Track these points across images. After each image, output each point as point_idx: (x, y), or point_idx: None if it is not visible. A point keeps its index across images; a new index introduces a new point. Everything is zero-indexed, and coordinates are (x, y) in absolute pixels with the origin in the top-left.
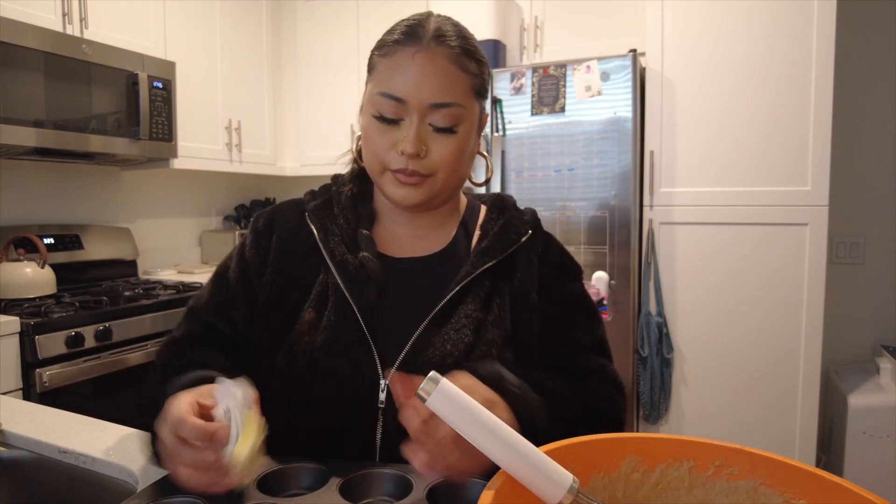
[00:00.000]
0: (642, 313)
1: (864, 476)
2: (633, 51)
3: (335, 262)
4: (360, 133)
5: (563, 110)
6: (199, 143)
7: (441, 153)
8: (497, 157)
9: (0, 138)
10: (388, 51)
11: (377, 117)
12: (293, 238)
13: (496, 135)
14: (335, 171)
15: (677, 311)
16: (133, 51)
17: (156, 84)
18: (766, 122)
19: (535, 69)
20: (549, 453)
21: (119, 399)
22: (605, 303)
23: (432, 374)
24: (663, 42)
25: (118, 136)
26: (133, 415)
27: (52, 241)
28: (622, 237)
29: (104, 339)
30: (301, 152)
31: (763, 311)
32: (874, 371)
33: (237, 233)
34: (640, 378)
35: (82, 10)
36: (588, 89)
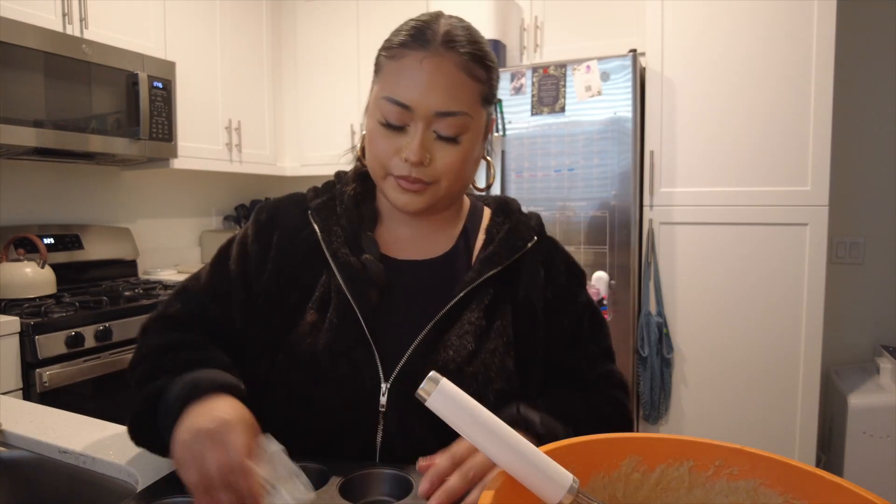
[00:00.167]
0: (642, 313)
1: (864, 476)
2: (633, 51)
3: (338, 264)
4: (364, 132)
5: (563, 110)
6: (198, 143)
7: (445, 161)
8: (497, 157)
9: (0, 138)
10: (396, 53)
11: (382, 123)
12: (295, 237)
13: (496, 135)
14: (335, 172)
15: (677, 311)
16: (133, 51)
17: (156, 84)
18: (766, 122)
19: (535, 69)
20: (549, 453)
21: (119, 399)
22: (605, 303)
23: (432, 374)
24: (663, 42)
25: (118, 136)
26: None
27: (52, 241)
28: (622, 237)
29: (104, 339)
30: (301, 152)
31: (763, 311)
32: (874, 371)
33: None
34: (640, 378)
35: (82, 10)
36: (588, 89)
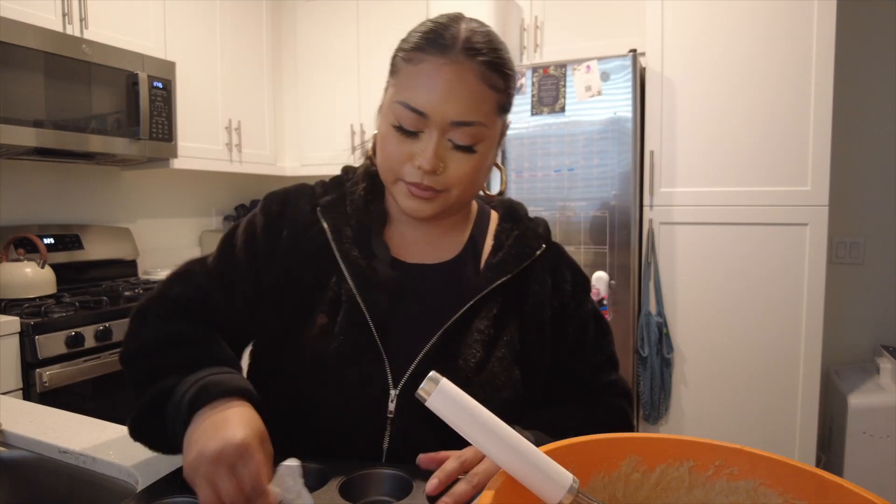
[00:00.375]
0: (642, 313)
1: (864, 476)
2: (633, 51)
3: (349, 267)
4: (375, 132)
5: (563, 110)
6: (198, 143)
7: (458, 170)
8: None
9: (0, 138)
10: (414, 57)
11: (396, 126)
12: (303, 234)
13: None
14: (335, 172)
15: (677, 311)
16: (133, 51)
17: (156, 84)
18: (766, 122)
19: (535, 69)
20: (549, 453)
21: (119, 399)
22: (605, 303)
23: (432, 373)
24: (663, 42)
25: (118, 136)
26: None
27: (52, 241)
28: (622, 237)
29: (104, 339)
30: (301, 152)
31: (763, 311)
32: (874, 371)
33: None
34: (640, 378)
35: (82, 10)
36: (588, 89)
